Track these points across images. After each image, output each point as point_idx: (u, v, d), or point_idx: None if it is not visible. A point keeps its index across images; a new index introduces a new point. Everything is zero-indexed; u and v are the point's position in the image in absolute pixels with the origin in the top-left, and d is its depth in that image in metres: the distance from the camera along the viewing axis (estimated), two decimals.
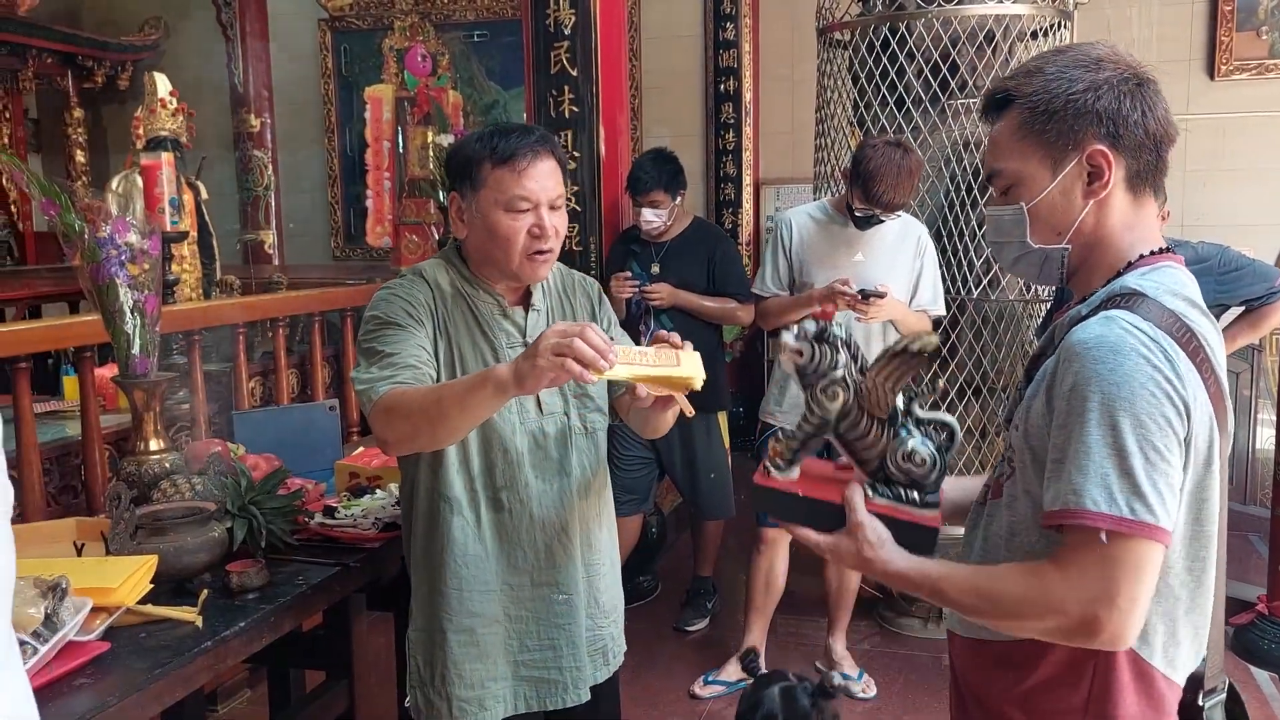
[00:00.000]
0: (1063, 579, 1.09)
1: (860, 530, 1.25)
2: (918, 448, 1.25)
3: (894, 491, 1.27)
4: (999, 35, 3.29)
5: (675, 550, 4.43)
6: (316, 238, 6.91)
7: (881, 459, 1.27)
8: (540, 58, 3.64)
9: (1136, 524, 1.05)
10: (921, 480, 1.26)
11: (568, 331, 1.35)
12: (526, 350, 1.39)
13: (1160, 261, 1.20)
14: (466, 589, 1.71)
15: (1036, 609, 1.11)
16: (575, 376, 1.34)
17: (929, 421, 1.26)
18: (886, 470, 1.27)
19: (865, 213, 2.91)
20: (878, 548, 1.24)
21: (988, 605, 1.16)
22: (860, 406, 1.26)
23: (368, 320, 1.69)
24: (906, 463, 1.25)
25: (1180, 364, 1.09)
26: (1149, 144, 1.19)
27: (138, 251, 1.95)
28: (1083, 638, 1.10)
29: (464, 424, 1.52)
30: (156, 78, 4.15)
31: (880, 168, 2.80)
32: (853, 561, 1.27)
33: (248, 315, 3.80)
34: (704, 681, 3.28)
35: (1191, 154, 5.25)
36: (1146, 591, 1.08)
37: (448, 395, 1.48)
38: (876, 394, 1.25)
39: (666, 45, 6.26)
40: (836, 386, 1.26)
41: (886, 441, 1.26)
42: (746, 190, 6.16)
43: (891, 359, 1.23)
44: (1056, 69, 1.19)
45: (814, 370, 1.28)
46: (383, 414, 1.55)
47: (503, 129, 1.69)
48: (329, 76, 6.70)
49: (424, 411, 1.50)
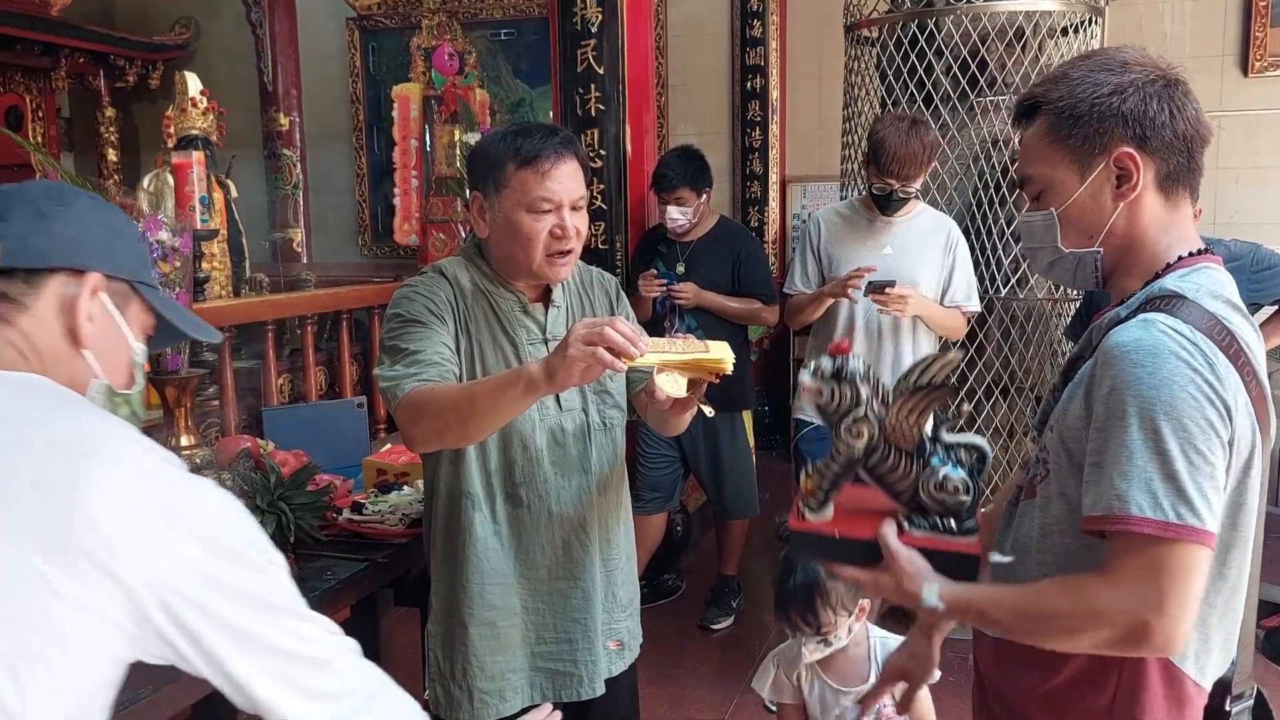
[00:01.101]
0: (1109, 588, 1.07)
1: (897, 563, 1.24)
2: (949, 475, 1.23)
3: (930, 521, 1.26)
4: (1029, 32, 3.26)
5: (700, 549, 4.43)
6: (344, 236, 6.96)
7: (914, 490, 1.26)
8: (567, 56, 3.64)
9: (1183, 528, 1.04)
10: (956, 508, 1.24)
11: (596, 322, 1.37)
12: (557, 347, 1.40)
13: (1199, 263, 1.19)
14: (488, 583, 1.72)
15: (1085, 621, 1.09)
16: (607, 365, 1.35)
17: (958, 445, 1.25)
18: (920, 501, 1.26)
19: (882, 190, 2.90)
20: (917, 579, 1.23)
21: (1035, 624, 1.15)
22: (886, 441, 1.25)
23: (390, 318, 1.70)
24: (939, 492, 1.24)
25: (1220, 366, 1.08)
26: (1179, 145, 1.18)
27: (169, 249, 1.97)
28: (1134, 647, 1.08)
29: (495, 421, 1.53)
30: (188, 77, 4.20)
31: (887, 138, 2.83)
32: (893, 594, 1.26)
33: (276, 313, 3.84)
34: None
35: (1224, 151, 5.18)
36: (1196, 596, 1.06)
37: (479, 393, 1.49)
38: (901, 429, 1.24)
39: (693, 43, 6.25)
40: (860, 424, 1.25)
41: (917, 473, 1.25)
42: (773, 188, 6.14)
43: (913, 394, 1.22)
44: (1081, 74, 1.19)
45: (835, 409, 1.27)
46: (409, 411, 1.55)
47: (526, 129, 1.70)
48: (357, 75, 6.74)
49: (455, 409, 1.51)
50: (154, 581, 0.84)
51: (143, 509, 0.85)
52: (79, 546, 0.81)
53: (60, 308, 0.98)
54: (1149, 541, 1.05)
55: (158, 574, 0.84)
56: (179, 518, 0.87)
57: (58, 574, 0.81)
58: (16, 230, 0.97)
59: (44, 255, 0.98)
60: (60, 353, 0.98)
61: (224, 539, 0.89)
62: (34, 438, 0.87)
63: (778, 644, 3.56)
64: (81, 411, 0.94)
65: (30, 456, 0.85)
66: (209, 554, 0.87)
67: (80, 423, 0.91)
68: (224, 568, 0.88)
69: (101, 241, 1.02)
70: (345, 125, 6.83)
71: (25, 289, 0.96)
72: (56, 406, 0.93)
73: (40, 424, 0.89)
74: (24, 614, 0.81)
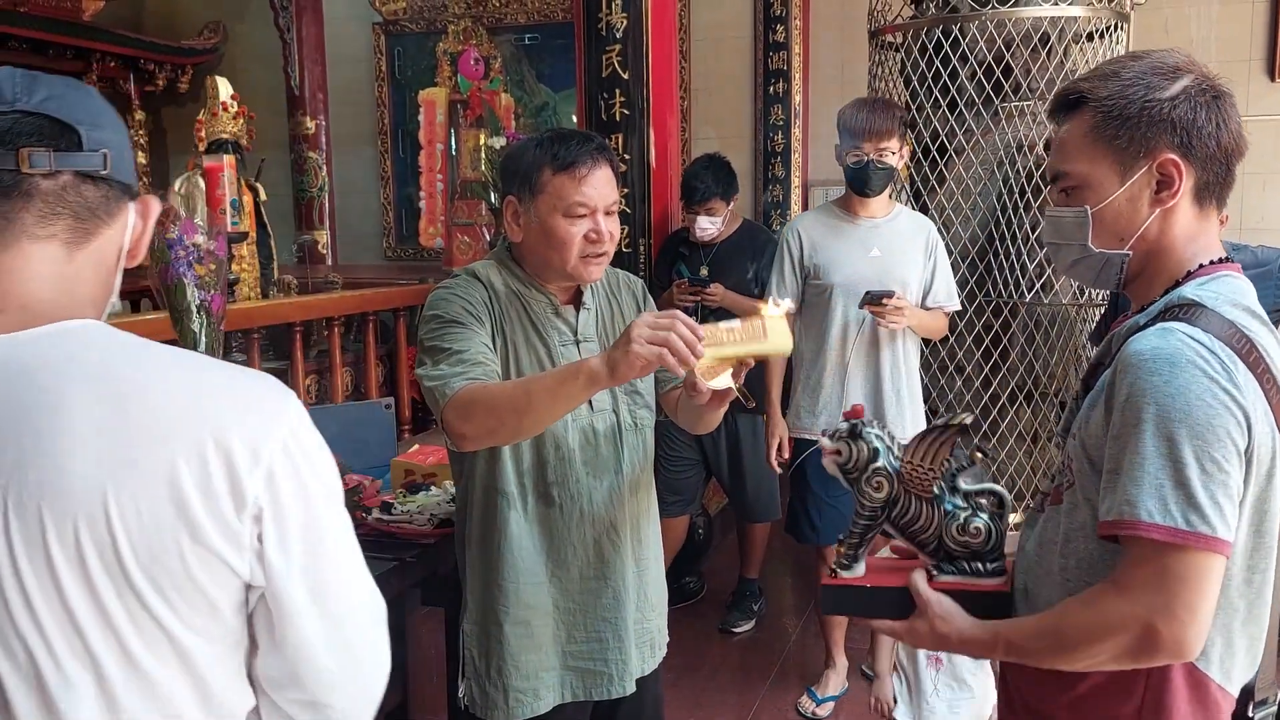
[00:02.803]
0: (1119, 595, 1.09)
1: (928, 608, 1.26)
2: (971, 520, 1.27)
3: (957, 566, 1.30)
4: (1054, 37, 3.26)
5: (721, 552, 4.44)
6: (369, 238, 7.01)
7: (939, 537, 1.29)
8: (592, 61, 3.66)
9: (1192, 535, 1.04)
10: (981, 550, 1.28)
11: (659, 324, 1.39)
12: (618, 341, 1.43)
13: (1219, 271, 1.19)
14: (523, 582, 1.74)
15: (1100, 632, 1.10)
16: (670, 368, 1.39)
17: (976, 493, 1.28)
18: (946, 548, 1.29)
19: (857, 161, 2.89)
20: (949, 621, 1.25)
21: (1056, 643, 1.16)
22: (906, 491, 1.29)
23: (428, 320, 1.72)
24: (963, 536, 1.28)
25: (1239, 374, 1.08)
26: (1220, 157, 1.18)
27: (204, 252, 2.01)
28: (1146, 653, 1.09)
29: (551, 416, 1.56)
30: (219, 82, 4.25)
31: (846, 108, 2.94)
32: (930, 641, 1.29)
33: (304, 314, 3.88)
34: (817, 701, 3.19)
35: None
36: (1207, 603, 1.07)
37: (536, 389, 1.52)
38: (918, 475, 1.27)
39: (716, 47, 6.26)
40: (879, 477, 1.30)
41: (939, 520, 1.28)
42: (795, 192, 6.14)
43: (924, 439, 1.26)
44: (1134, 74, 1.18)
45: (854, 466, 1.32)
46: (461, 409, 1.56)
47: (561, 135, 1.72)
48: (383, 79, 6.79)
49: (511, 405, 1.53)
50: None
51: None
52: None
53: (123, 228, 0.96)
54: (1157, 548, 1.06)
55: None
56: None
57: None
58: (115, 140, 0.93)
59: (131, 171, 0.96)
60: (110, 270, 0.96)
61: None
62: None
63: (799, 649, 3.59)
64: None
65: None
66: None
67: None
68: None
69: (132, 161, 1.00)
70: (371, 129, 6.89)
71: (113, 207, 0.93)
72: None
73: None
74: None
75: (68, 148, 0.88)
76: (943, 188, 3.46)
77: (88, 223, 0.91)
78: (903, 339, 2.99)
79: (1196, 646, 1.09)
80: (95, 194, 0.91)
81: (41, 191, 0.88)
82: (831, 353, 2.98)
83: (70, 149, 0.88)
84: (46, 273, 0.89)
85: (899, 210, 3.08)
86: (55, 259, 0.89)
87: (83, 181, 0.90)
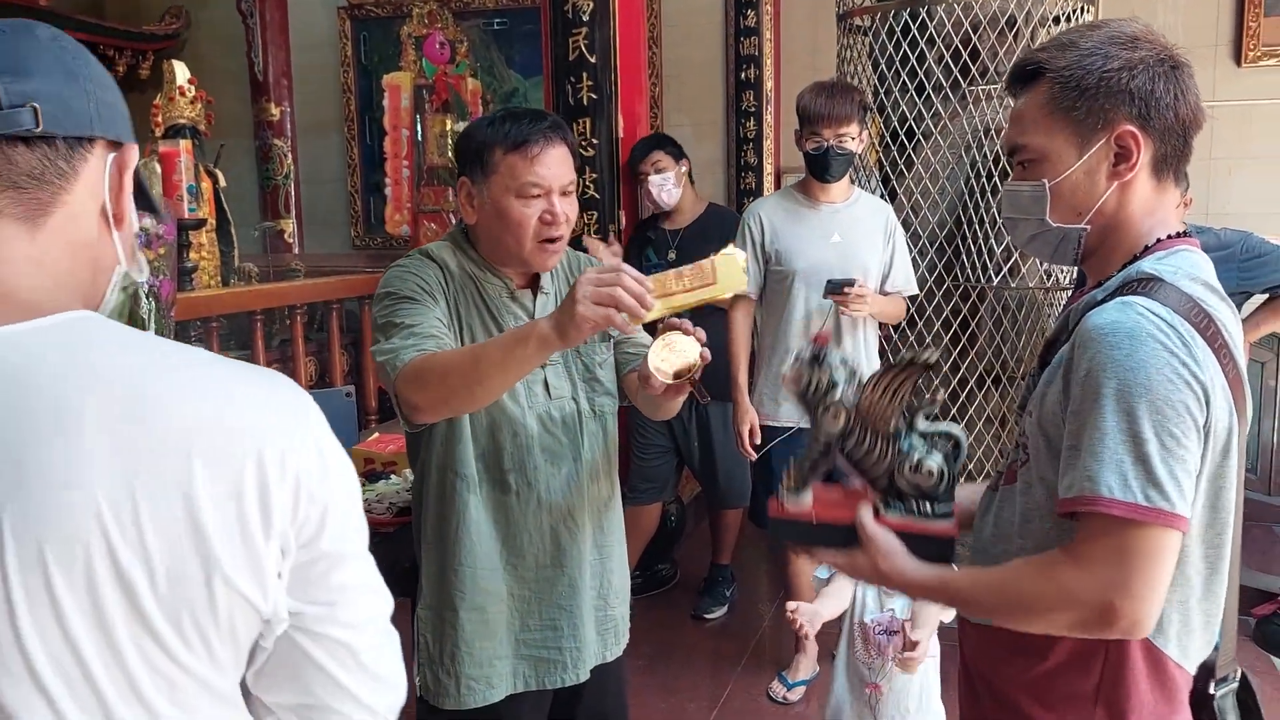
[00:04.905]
0: (1078, 569, 1.07)
1: (873, 544, 1.24)
2: (924, 460, 1.24)
3: (905, 505, 1.27)
4: (1020, 21, 3.25)
5: (694, 538, 4.43)
6: (336, 226, 6.94)
7: (890, 475, 1.26)
8: (559, 44, 3.63)
9: (1152, 511, 1.03)
10: (931, 492, 1.25)
11: (603, 280, 1.34)
12: (564, 302, 1.38)
13: (1177, 245, 1.18)
14: (479, 567, 1.71)
15: (1054, 602, 1.09)
16: (619, 327, 1.35)
17: (933, 434, 1.26)
18: (896, 485, 1.27)
19: (816, 147, 2.89)
20: (891, 559, 1.23)
21: (1005, 604, 1.16)
22: (863, 425, 1.26)
23: (381, 297, 1.67)
24: (915, 475, 1.25)
25: (1198, 349, 1.07)
26: (1178, 128, 1.16)
27: (153, 236, 1.96)
28: (1101, 628, 1.08)
29: (503, 383, 1.50)
30: (175, 66, 4.18)
31: (804, 94, 2.93)
32: (870, 575, 1.27)
33: (266, 302, 3.83)
34: (788, 686, 3.19)
35: (1217, 140, 5.17)
36: (1163, 579, 1.06)
37: (485, 354, 1.47)
38: (877, 410, 1.24)
39: (687, 33, 6.22)
40: (837, 407, 1.26)
41: (893, 457, 1.26)
42: (768, 179, 6.12)
43: (887, 373, 1.22)
44: (1092, 44, 1.16)
45: (814, 393, 1.28)
46: (411, 379, 1.51)
47: (514, 114, 1.68)
48: (348, 65, 6.70)
49: (460, 372, 1.48)
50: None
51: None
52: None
53: (95, 186, 0.82)
54: (1117, 523, 1.04)
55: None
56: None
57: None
58: (50, 89, 0.78)
59: (87, 120, 0.81)
60: (90, 244, 0.83)
61: None
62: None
63: (771, 634, 3.58)
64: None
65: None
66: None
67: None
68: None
69: (119, 105, 0.87)
70: (337, 115, 6.81)
71: (65, 167, 0.79)
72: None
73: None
74: None
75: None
76: (911, 172, 3.45)
77: (32, 192, 0.77)
78: (864, 326, 2.99)
79: (1151, 623, 1.08)
80: (30, 157, 0.77)
81: None
82: (794, 340, 2.97)
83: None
84: (13, 255, 0.77)
85: (858, 195, 3.07)
86: (16, 238, 0.77)
87: (10, 146, 0.76)
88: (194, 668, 0.77)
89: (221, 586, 0.76)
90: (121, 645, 0.74)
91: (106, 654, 0.73)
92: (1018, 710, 1.22)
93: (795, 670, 3.23)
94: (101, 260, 0.84)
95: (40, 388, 0.72)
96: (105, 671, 0.73)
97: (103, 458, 0.71)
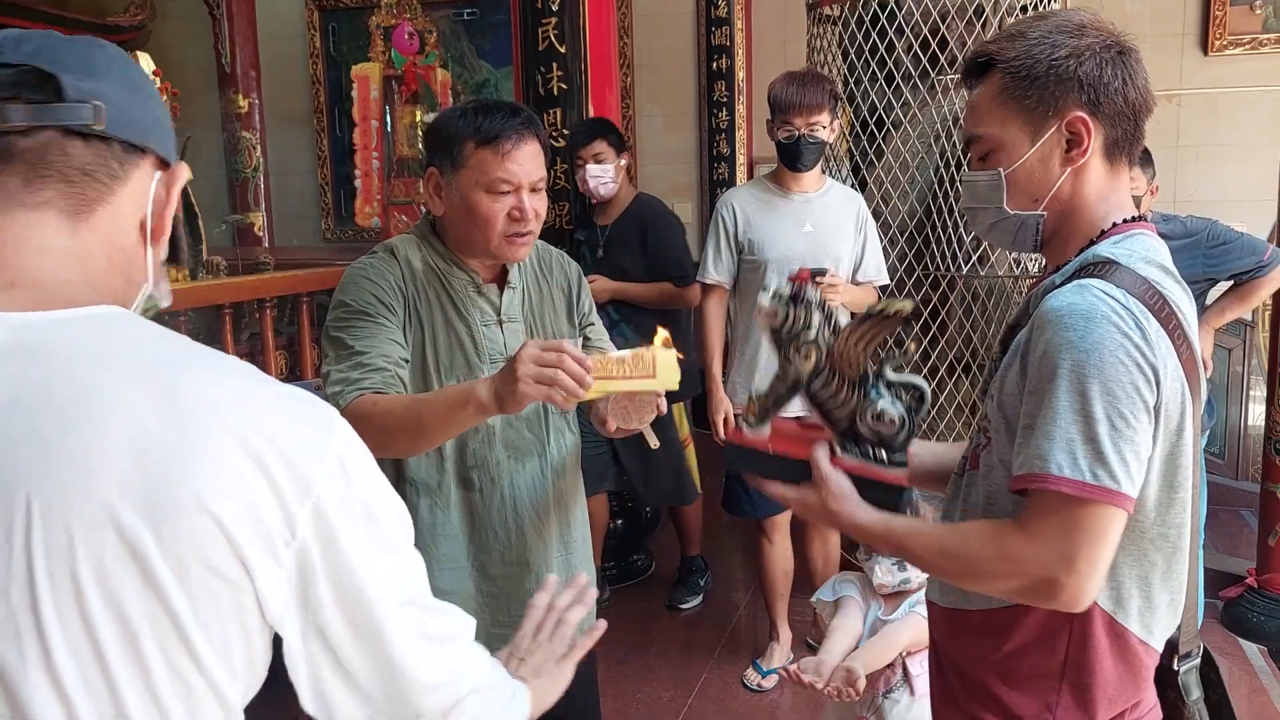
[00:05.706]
0: (1025, 541, 1.10)
1: (825, 484, 1.27)
2: (887, 408, 1.26)
3: (862, 450, 1.29)
4: (989, 10, 3.27)
5: (670, 530, 4.44)
6: (307, 219, 6.87)
7: (851, 418, 1.28)
8: (528, 34, 3.61)
9: (1098, 489, 1.06)
10: (889, 439, 1.27)
11: (545, 359, 1.37)
12: (504, 372, 1.40)
13: (1132, 229, 1.20)
14: (440, 567, 1.70)
15: (998, 568, 1.12)
16: (556, 405, 1.40)
17: (899, 384, 1.27)
18: (855, 429, 1.28)
19: (789, 136, 2.90)
20: (842, 500, 1.26)
21: (950, 563, 1.18)
22: (832, 367, 1.27)
23: (337, 305, 1.65)
24: (875, 422, 1.26)
25: (1151, 331, 1.08)
26: (1128, 113, 1.19)
27: None
28: (1042, 598, 1.12)
29: (443, 438, 1.55)
30: (139, 57, 4.12)
31: (775, 83, 2.93)
32: (818, 514, 1.29)
33: (233, 296, 3.79)
34: (762, 674, 3.20)
35: (1183, 129, 5.23)
36: (1106, 556, 1.09)
37: (427, 412, 1.49)
38: (849, 355, 1.25)
39: (658, 23, 6.21)
40: (809, 346, 1.28)
41: (857, 402, 1.27)
42: (740, 169, 6.13)
43: (864, 321, 1.23)
44: (1039, 34, 1.18)
45: (788, 331, 1.29)
46: (353, 420, 1.51)
47: (486, 107, 1.66)
48: (317, 56, 6.64)
49: (403, 427, 1.50)
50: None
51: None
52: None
53: (140, 197, 0.85)
54: (1065, 500, 1.07)
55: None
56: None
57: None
58: (113, 94, 0.81)
59: (144, 131, 0.84)
60: (126, 250, 0.85)
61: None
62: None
63: (746, 623, 3.60)
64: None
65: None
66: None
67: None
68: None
69: (171, 128, 0.90)
70: (306, 107, 6.74)
71: (116, 169, 0.81)
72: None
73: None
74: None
75: (46, 99, 0.77)
76: (880, 161, 3.46)
77: (81, 187, 0.79)
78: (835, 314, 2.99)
79: (1090, 598, 1.11)
80: (86, 153, 0.79)
81: (21, 151, 0.77)
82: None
83: (49, 100, 0.77)
84: (53, 246, 0.78)
85: (830, 185, 3.08)
86: (57, 230, 0.79)
87: (68, 138, 0.78)
88: (213, 672, 0.76)
89: (248, 591, 0.76)
90: (143, 642, 0.73)
91: (128, 650, 0.72)
92: (986, 690, 1.24)
93: (770, 658, 3.25)
94: (132, 273, 0.86)
95: (69, 376, 0.73)
96: (125, 669, 0.73)
97: (132, 448, 0.71)
